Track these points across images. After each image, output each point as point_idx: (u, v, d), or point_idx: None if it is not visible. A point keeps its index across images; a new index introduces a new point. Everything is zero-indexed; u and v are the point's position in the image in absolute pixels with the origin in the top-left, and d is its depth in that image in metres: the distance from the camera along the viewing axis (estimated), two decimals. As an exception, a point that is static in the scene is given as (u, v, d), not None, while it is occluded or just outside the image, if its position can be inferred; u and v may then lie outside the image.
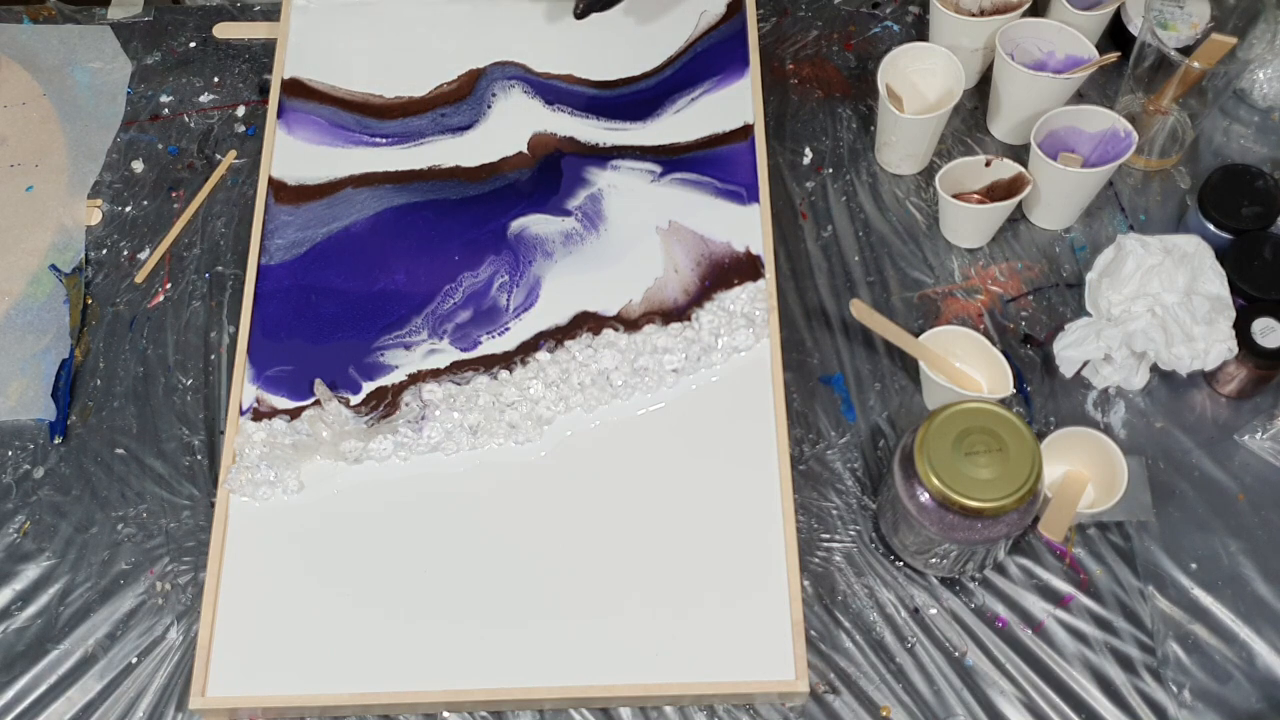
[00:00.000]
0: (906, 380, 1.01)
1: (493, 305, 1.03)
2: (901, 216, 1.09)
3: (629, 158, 1.10)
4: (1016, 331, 1.03)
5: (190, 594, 0.93)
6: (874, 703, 0.89)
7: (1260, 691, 0.89)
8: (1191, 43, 1.05)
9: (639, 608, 0.91)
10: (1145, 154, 1.09)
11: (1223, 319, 0.95)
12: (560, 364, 0.99)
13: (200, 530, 0.96)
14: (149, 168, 1.13)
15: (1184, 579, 0.93)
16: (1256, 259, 0.97)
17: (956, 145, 1.12)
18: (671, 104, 1.13)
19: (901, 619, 0.92)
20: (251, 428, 0.97)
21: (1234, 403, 0.99)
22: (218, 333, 1.04)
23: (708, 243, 1.05)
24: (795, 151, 1.12)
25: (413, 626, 0.90)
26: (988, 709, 0.89)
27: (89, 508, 0.97)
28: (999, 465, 0.82)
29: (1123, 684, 0.89)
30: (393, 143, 1.11)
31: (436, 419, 0.97)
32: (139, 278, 1.07)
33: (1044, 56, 1.08)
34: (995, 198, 1.04)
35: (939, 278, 1.05)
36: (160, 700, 0.90)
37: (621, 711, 0.90)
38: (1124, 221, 1.07)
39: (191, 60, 1.19)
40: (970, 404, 0.85)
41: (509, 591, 0.91)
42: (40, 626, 0.93)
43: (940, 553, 0.88)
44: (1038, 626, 0.92)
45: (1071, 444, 0.93)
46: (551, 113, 1.12)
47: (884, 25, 1.19)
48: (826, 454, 0.98)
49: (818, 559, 0.94)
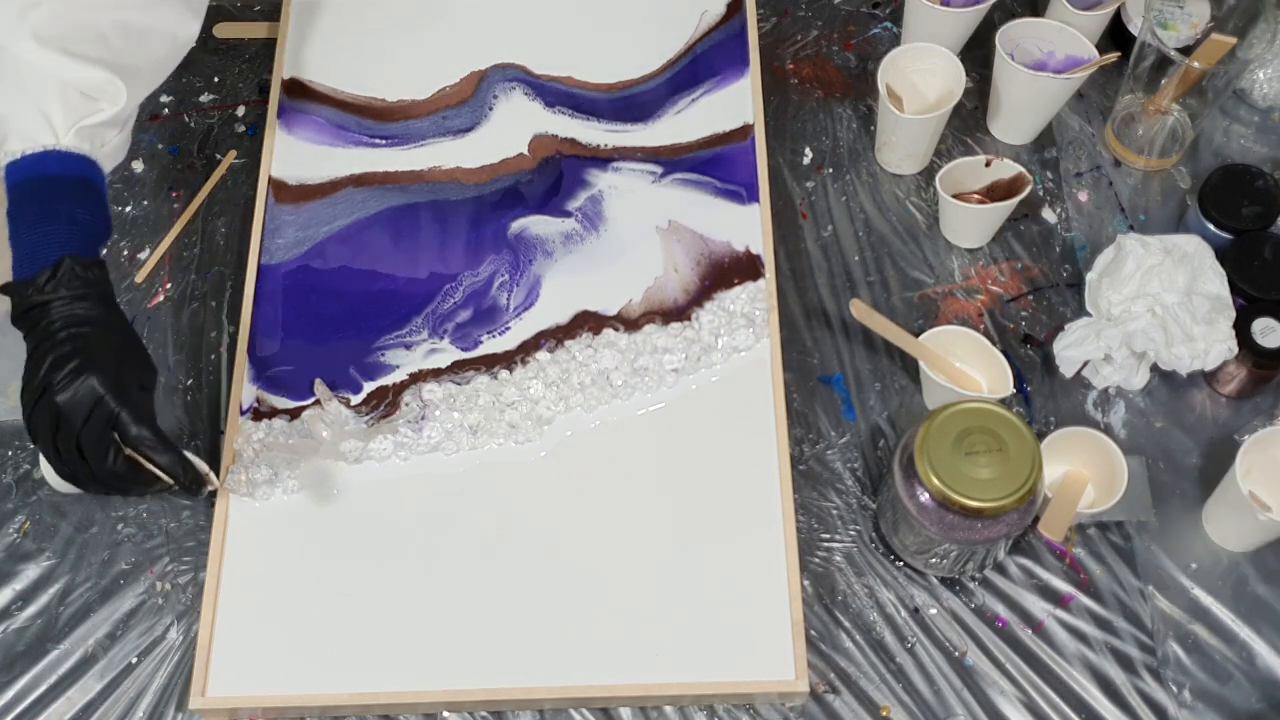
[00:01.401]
0: (906, 380, 1.01)
1: (493, 305, 1.03)
2: (901, 216, 1.09)
3: (630, 159, 1.10)
4: (1016, 331, 1.03)
5: (190, 594, 0.93)
6: (874, 703, 0.89)
7: (1260, 691, 0.89)
8: (1191, 43, 1.05)
9: (639, 608, 0.91)
10: (1145, 154, 1.09)
11: (1223, 319, 0.95)
12: (560, 364, 0.99)
13: (200, 530, 0.96)
14: (149, 168, 1.13)
15: (1184, 579, 0.93)
16: (1256, 259, 0.97)
17: (956, 145, 1.12)
18: (672, 104, 1.13)
19: (901, 619, 0.92)
20: (251, 428, 0.97)
21: (1234, 403, 0.99)
22: (218, 333, 1.04)
23: (708, 242, 1.05)
24: (795, 151, 1.12)
25: (413, 626, 0.90)
26: (988, 709, 0.89)
27: (89, 508, 0.97)
28: (999, 465, 0.82)
29: (1123, 684, 0.89)
30: (393, 144, 1.11)
31: (436, 419, 0.97)
32: (139, 278, 1.07)
33: (1044, 56, 1.08)
34: (995, 198, 1.04)
35: (939, 278, 1.05)
36: (160, 700, 0.90)
37: (621, 711, 0.90)
38: (1124, 221, 1.07)
39: (191, 60, 1.18)
40: (970, 404, 0.85)
41: (509, 591, 0.91)
42: (40, 626, 0.93)
43: (940, 553, 0.88)
44: (1038, 626, 0.92)
45: (1071, 444, 0.93)
46: (552, 114, 1.12)
47: (884, 25, 1.19)
48: (826, 454, 0.98)
49: (818, 559, 0.94)
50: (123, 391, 0.84)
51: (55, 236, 0.85)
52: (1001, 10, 1.17)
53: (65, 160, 0.86)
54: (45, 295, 0.84)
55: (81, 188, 0.87)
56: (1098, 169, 1.10)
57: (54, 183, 0.86)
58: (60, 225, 0.85)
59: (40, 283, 0.84)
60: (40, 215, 0.85)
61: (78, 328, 0.84)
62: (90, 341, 0.84)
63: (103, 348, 0.84)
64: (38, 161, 0.85)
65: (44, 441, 0.84)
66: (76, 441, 0.83)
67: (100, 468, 0.84)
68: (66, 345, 0.83)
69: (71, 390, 0.82)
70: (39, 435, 0.84)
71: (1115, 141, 1.10)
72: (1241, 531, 0.92)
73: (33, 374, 0.83)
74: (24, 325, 0.85)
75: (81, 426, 0.82)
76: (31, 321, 0.84)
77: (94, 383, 0.83)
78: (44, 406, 0.82)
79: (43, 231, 0.85)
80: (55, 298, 0.84)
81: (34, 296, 0.84)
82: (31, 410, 0.83)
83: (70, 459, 0.83)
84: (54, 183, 0.86)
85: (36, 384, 0.83)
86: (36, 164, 0.85)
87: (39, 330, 0.84)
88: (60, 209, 0.85)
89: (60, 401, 0.82)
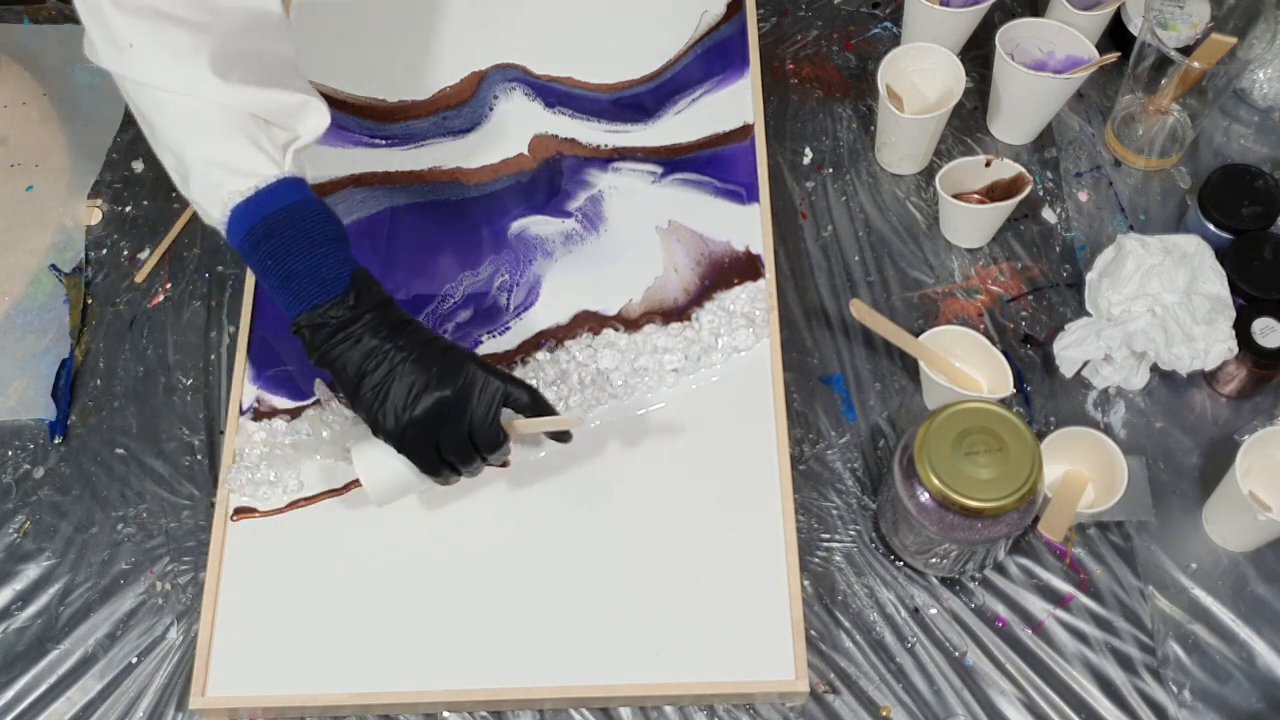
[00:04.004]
0: (906, 380, 1.01)
1: (493, 304, 1.03)
2: (901, 216, 1.09)
3: (630, 160, 1.10)
4: (1016, 331, 1.03)
5: (190, 594, 0.93)
6: (874, 703, 0.89)
7: (1260, 691, 0.89)
8: (1191, 43, 1.05)
9: (639, 608, 0.91)
10: (1145, 154, 1.09)
11: (1223, 319, 0.95)
12: (560, 364, 0.99)
13: (200, 530, 0.96)
14: (149, 168, 1.13)
15: (1184, 579, 0.93)
16: (1256, 259, 0.97)
17: (956, 145, 1.12)
18: (672, 105, 1.13)
19: (901, 619, 0.92)
20: (251, 428, 0.97)
21: (1234, 403, 0.99)
22: (218, 333, 1.04)
23: (708, 242, 1.05)
24: (795, 151, 1.12)
25: (413, 626, 0.90)
26: (988, 709, 0.89)
27: (89, 508, 0.97)
28: (999, 465, 0.82)
29: (1123, 684, 0.89)
30: (394, 144, 1.11)
31: (436, 419, 0.97)
32: (139, 278, 1.07)
33: (1044, 56, 1.08)
34: (995, 198, 1.04)
35: (939, 278, 1.05)
36: (160, 700, 0.90)
37: (621, 711, 0.90)
38: (1124, 221, 1.07)
39: (192, 60, 1.19)
40: (970, 404, 0.85)
41: (509, 591, 0.91)
42: (40, 626, 0.93)
43: (940, 553, 0.88)
44: (1038, 626, 0.92)
45: (1071, 444, 0.93)
46: (552, 115, 1.12)
47: (884, 25, 1.19)
48: (826, 454, 0.98)
49: (818, 559, 0.94)
50: (491, 368, 0.85)
51: (333, 256, 0.82)
52: (1001, 10, 1.17)
53: (294, 185, 0.83)
54: (359, 309, 0.82)
55: (319, 206, 0.84)
56: (1098, 169, 1.10)
57: (301, 207, 0.83)
58: (330, 245, 0.83)
59: (349, 302, 0.82)
60: (308, 241, 0.82)
61: (407, 328, 0.84)
62: (426, 335, 0.85)
63: (438, 338, 0.85)
64: (272, 194, 0.82)
65: (426, 448, 0.84)
66: (469, 433, 0.84)
67: (493, 447, 0.85)
68: (418, 349, 0.83)
69: (458, 384, 0.83)
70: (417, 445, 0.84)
71: (1115, 141, 1.10)
72: (1241, 531, 0.92)
73: (402, 386, 0.82)
74: (337, 347, 0.83)
75: (475, 414, 0.83)
76: (350, 338, 0.82)
77: (474, 368, 0.84)
78: (438, 408, 0.82)
79: (319, 254, 0.82)
80: (368, 309, 0.83)
81: (344, 314, 0.82)
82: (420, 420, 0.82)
83: (462, 451, 0.84)
84: (301, 207, 0.83)
85: (414, 393, 0.82)
86: (273, 196, 0.82)
87: (368, 348, 0.82)
88: (324, 230, 0.83)
89: (452, 395, 0.82)
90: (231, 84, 0.82)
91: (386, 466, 0.86)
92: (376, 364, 0.83)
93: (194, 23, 0.81)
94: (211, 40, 0.82)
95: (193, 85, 0.81)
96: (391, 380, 0.83)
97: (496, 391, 0.84)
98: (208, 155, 0.82)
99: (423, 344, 0.84)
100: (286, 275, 0.82)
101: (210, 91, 0.81)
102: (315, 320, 0.82)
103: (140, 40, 0.81)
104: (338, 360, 0.83)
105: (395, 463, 0.86)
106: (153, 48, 0.81)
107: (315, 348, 0.83)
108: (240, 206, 0.82)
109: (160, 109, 0.82)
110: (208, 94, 0.81)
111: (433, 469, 0.86)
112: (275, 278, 0.82)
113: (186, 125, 0.82)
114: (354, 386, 0.83)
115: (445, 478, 0.87)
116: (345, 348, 0.83)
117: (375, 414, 0.83)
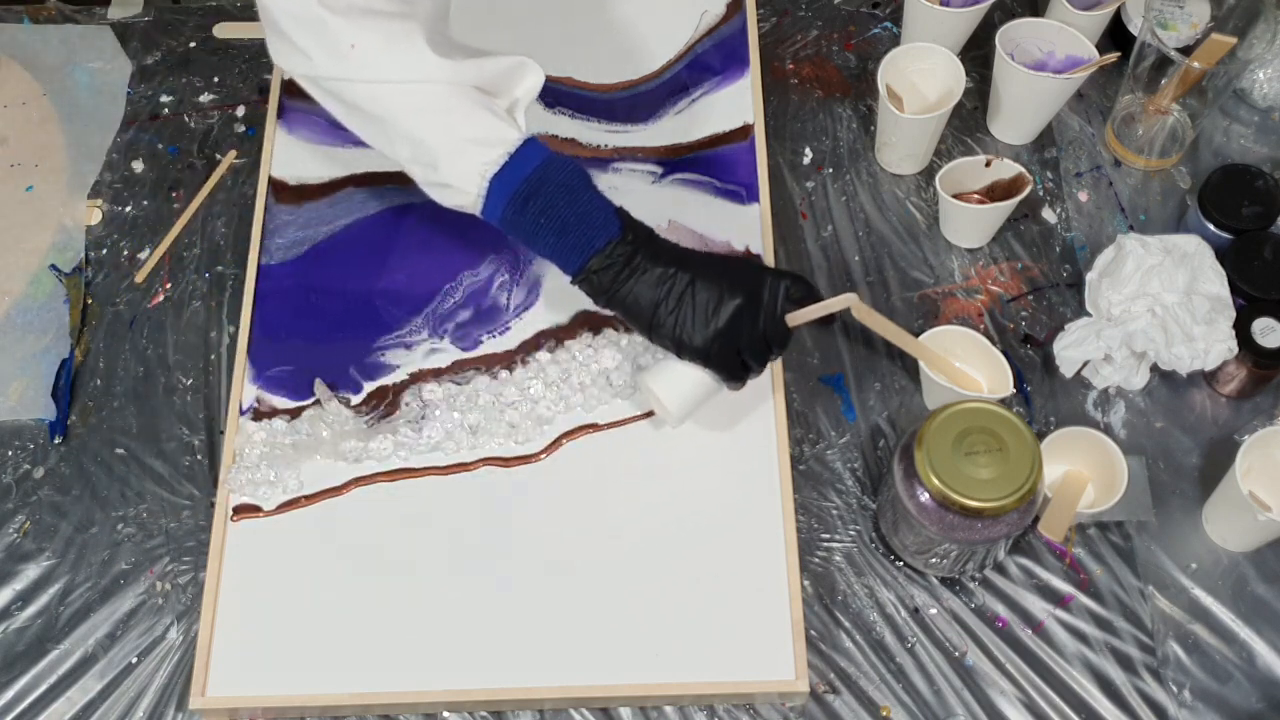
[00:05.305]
0: (906, 380, 1.01)
1: (493, 304, 1.03)
2: (901, 216, 1.09)
3: (630, 160, 1.10)
4: (1016, 331, 1.03)
5: (190, 594, 0.93)
6: (874, 703, 0.89)
7: (1260, 691, 0.89)
8: (1191, 43, 1.05)
9: (639, 608, 0.91)
10: (1145, 154, 1.09)
11: (1223, 319, 0.95)
12: (560, 364, 0.99)
13: (200, 530, 0.96)
14: (149, 168, 1.13)
15: (1184, 579, 0.93)
16: (1256, 259, 0.97)
17: (956, 145, 1.12)
18: (672, 105, 1.13)
19: (901, 619, 0.92)
20: (251, 428, 0.97)
21: (1234, 403, 0.99)
22: (218, 333, 1.04)
23: (708, 242, 1.05)
24: (795, 151, 1.12)
25: (413, 626, 0.90)
26: (988, 709, 0.89)
27: (89, 508, 0.97)
28: (999, 465, 0.82)
29: (1123, 684, 0.89)
30: (393, 143, 1.11)
31: (437, 419, 0.97)
32: (139, 278, 1.07)
33: (1044, 56, 1.08)
34: (995, 198, 1.04)
35: (939, 278, 1.05)
36: (160, 700, 0.90)
37: (621, 711, 0.90)
38: (1124, 221, 1.07)
39: (191, 60, 1.19)
40: (970, 404, 0.85)
41: (509, 591, 0.91)
42: (40, 626, 0.93)
43: (940, 553, 0.88)
44: (1038, 626, 0.92)
45: (1071, 444, 0.93)
46: (553, 115, 1.12)
47: (884, 25, 1.19)
48: (826, 454, 0.98)
49: (818, 559, 0.94)
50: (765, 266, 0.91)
51: (597, 200, 0.86)
52: (1001, 10, 1.17)
53: (536, 145, 0.86)
54: (636, 244, 0.85)
55: (563, 158, 0.86)
56: (1098, 169, 1.10)
57: (552, 162, 0.85)
58: (590, 191, 0.86)
59: (628, 239, 0.85)
60: (570, 192, 0.85)
61: (678, 250, 0.87)
62: (698, 253, 0.88)
63: (706, 253, 0.88)
64: (523, 157, 0.84)
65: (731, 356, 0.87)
66: (763, 332, 0.87)
67: (785, 342, 0.88)
68: (698, 265, 0.86)
69: (748, 288, 0.86)
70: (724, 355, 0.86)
71: (1115, 141, 1.10)
72: (1241, 531, 0.92)
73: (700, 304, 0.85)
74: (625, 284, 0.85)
75: (767, 312, 0.86)
76: (637, 271, 0.85)
77: (756, 271, 0.87)
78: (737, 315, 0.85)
79: (585, 201, 0.85)
80: (643, 241, 0.86)
81: (626, 251, 0.85)
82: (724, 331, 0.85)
83: (758, 351, 0.87)
84: (552, 162, 0.85)
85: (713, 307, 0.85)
86: (524, 159, 0.84)
87: (655, 276, 0.85)
88: (580, 179, 0.86)
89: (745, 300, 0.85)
90: (456, 60, 0.84)
91: (686, 380, 0.89)
92: (668, 290, 0.85)
93: (400, 13, 0.83)
94: (420, 26, 0.84)
95: (422, 70, 0.83)
96: (687, 300, 0.85)
97: (780, 287, 0.87)
98: (455, 133, 0.84)
99: (701, 261, 0.87)
100: (562, 228, 0.85)
101: (438, 72, 0.83)
102: (604, 263, 0.85)
103: (362, 38, 0.83)
104: (628, 296, 0.86)
105: (692, 377, 0.89)
106: (375, 43, 0.83)
107: (603, 290, 0.86)
108: (498, 175, 0.84)
109: (391, 103, 0.84)
110: (437, 75, 0.83)
111: (737, 374, 0.89)
112: (550, 234, 0.85)
113: (422, 111, 0.84)
114: (650, 316, 0.86)
115: (744, 381, 0.90)
116: (633, 283, 0.86)
117: (680, 335, 0.86)
